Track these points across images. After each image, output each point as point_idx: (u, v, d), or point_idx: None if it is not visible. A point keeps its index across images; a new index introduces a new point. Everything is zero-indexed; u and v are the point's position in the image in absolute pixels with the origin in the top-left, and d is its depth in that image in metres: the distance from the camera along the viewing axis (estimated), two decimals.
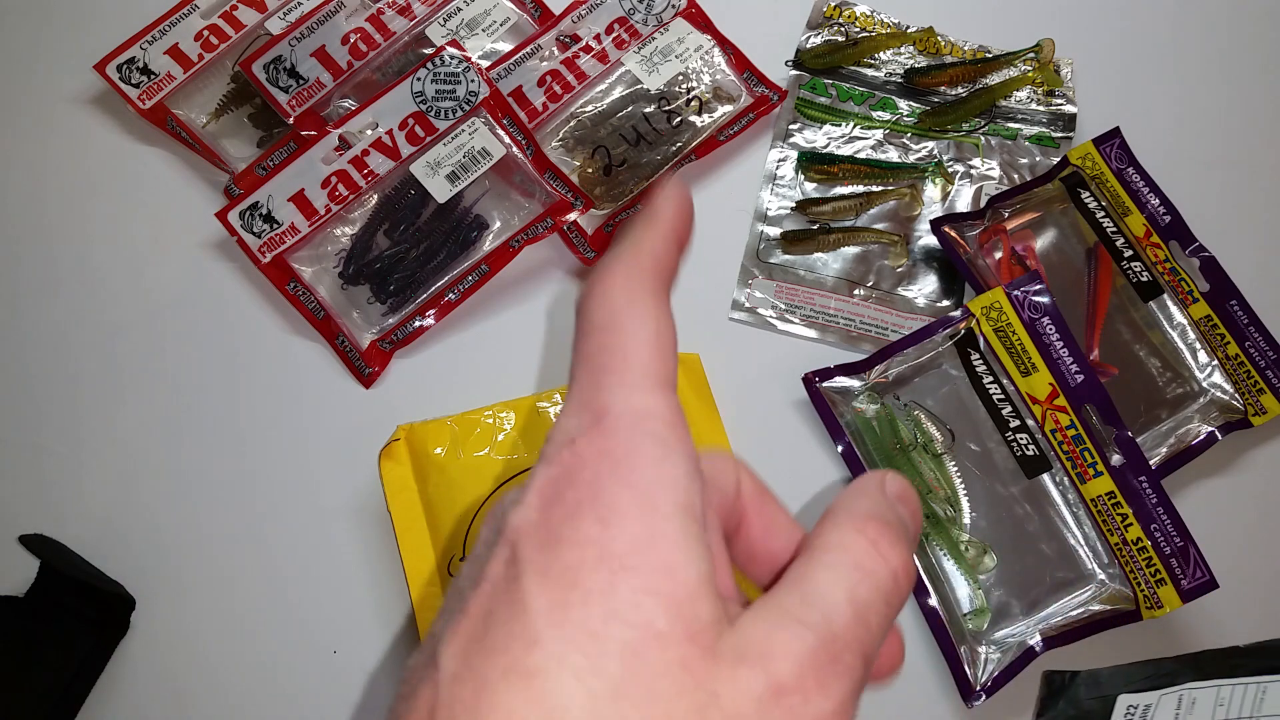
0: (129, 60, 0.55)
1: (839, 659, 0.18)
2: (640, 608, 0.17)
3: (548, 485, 0.19)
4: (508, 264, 0.52)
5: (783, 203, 0.55)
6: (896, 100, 0.57)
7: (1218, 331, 0.50)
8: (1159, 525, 0.44)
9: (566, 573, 0.18)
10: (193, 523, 0.50)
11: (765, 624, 0.19)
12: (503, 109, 0.53)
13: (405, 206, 0.53)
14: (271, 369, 0.52)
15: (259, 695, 0.48)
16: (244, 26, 0.56)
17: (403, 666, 0.48)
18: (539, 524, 0.19)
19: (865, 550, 0.20)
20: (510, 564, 0.19)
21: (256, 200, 0.51)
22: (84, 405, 0.52)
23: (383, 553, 0.49)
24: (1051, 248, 0.53)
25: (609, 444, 0.19)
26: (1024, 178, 0.55)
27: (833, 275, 0.54)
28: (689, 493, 0.19)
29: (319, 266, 0.53)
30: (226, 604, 0.49)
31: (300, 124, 0.54)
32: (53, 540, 0.49)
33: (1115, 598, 0.46)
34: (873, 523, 0.21)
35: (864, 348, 0.53)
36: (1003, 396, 0.48)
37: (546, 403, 0.48)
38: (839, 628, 0.19)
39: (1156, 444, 0.49)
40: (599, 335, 0.21)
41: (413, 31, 0.56)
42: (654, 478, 0.19)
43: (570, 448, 0.19)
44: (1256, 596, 0.49)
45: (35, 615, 0.47)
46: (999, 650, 0.45)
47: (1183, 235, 0.52)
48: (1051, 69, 0.57)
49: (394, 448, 0.46)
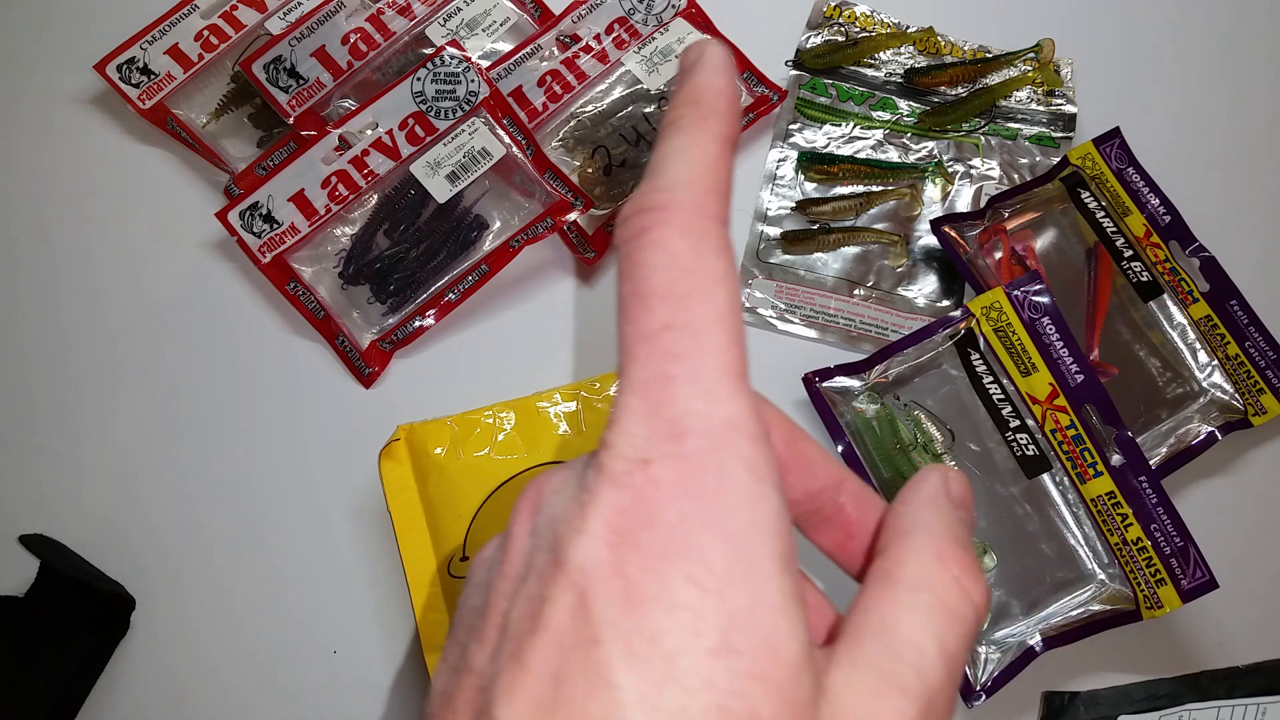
0: (129, 60, 0.55)
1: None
2: (745, 696, 0.15)
3: (618, 517, 0.16)
4: (508, 264, 0.52)
5: (783, 203, 0.55)
6: (896, 100, 0.57)
7: (1218, 331, 0.50)
8: (1159, 525, 0.44)
9: (656, 647, 0.15)
10: (192, 523, 0.50)
11: (863, 695, 0.17)
12: (503, 109, 0.53)
13: (405, 206, 0.53)
14: (271, 369, 0.52)
15: (259, 695, 0.48)
16: (244, 26, 0.56)
17: (405, 675, 0.48)
18: (612, 571, 0.16)
19: (950, 588, 0.19)
20: (581, 619, 0.16)
21: (256, 200, 0.51)
22: (84, 405, 0.52)
23: (383, 553, 0.49)
24: (1051, 248, 0.53)
25: (694, 475, 0.16)
26: (1024, 178, 0.55)
27: (833, 275, 0.54)
28: (785, 537, 0.17)
29: (319, 266, 0.53)
30: (226, 604, 0.49)
31: (300, 124, 0.54)
32: (53, 540, 0.49)
33: (1115, 598, 0.46)
34: (954, 550, 0.19)
35: (864, 348, 0.53)
36: (1003, 396, 0.48)
37: (546, 403, 0.48)
38: (934, 688, 0.17)
39: (1156, 444, 0.49)
40: (663, 307, 0.17)
41: (413, 31, 0.56)
42: (749, 522, 0.16)
43: (644, 471, 0.16)
44: (1256, 596, 0.49)
45: (35, 615, 0.47)
46: (999, 650, 0.45)
47: (1183, 235, 0.52)
48: (1051, 69, 0.57)
49: (394, 448, 0.46)
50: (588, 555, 0.16)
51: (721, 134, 0.18)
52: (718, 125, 0.18)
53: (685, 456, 0.16)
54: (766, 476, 0.17)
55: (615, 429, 0.17)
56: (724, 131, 0.19)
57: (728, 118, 0.19)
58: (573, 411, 0.47)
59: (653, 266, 0.17)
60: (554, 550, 0.17)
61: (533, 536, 0.18)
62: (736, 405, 0.17)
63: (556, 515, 0.17)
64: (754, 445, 0.17)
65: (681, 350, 0.17)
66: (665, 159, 0.18)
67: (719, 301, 0.17)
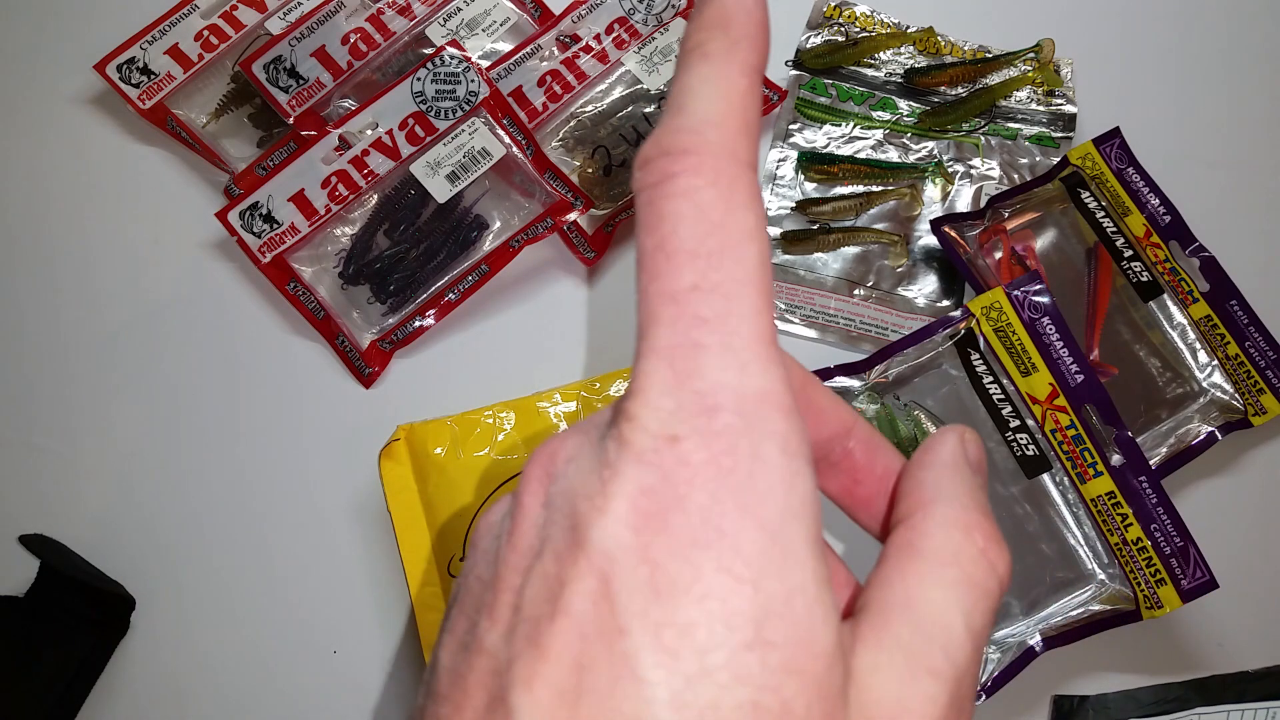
0: (129, 60, 0.55)
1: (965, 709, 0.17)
2: (779, 690, 0.15)
3: (644, 498, 0.15)
4: (508, 264, 0.52)
5: (783, 203, 0.55)
6: (896, 100, 0.57)
7: (1218, 331, 0.50)
8: (1159, 525, 0.44)
9: (687, 640, 0.14)
10: (192, 523, 0.50)
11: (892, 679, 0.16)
12: (503, 109, 0.53)
13: (405, 206, 0.53)
14: (271, 369, 0.52)
15: (259, 695, 0.48)
16: (244, 26, 0.56)
17: (405, 675, 0.48)
18: (638, 556, 0.15)
19: (977, 562, 0.18)
20: (605, 605, 0.15)
21: (256, 200, 0.51)
22: (84, 405, 0.52)
23: (383, 553, 0.49)
24: (1051, 248, 0.53)
25: (726, 455, 0.15)
26: (1024, 178, 0.55)
27: (833, 275, 0.54)
28: (817, 519, 0.16)
29: (319, 266, 0.53)
30: (226, 604, 0.49)
31: (300, 124, 0.54)
32: (53, 540, 0.49)
33: (1115, 598, 0.46)
34: (980, 520, 0.18)
35: (864, 348, 0.53)
36: (1003, 396, 0.48)
37: (546, 403, 0.48)
38: (963, 668, 0.17)
39: (1156, 444, 0.49)
40: (691, 266, 0.16)
41: (413, 31, 0.56)
42: (784, 506, 0.15)
43: (672, 449, 0.15)
44: (1257, 597, 0.49)
45: (35, 615, 0.47)
46: (999, 650, 0.45)
47: (1183, 235, 0.52)
48: (1051, 69, 0.57)
49: (394, 448, 0.46)
50: (611, 538, 0.15)
51: (752, 64, 0.17)
52: (748, 53, 0.17)
53: (717, 434, 0.15)
54: (800, 453, 0.16)
55: (639, 399, 0.16)
56: (754, 61, 0.17)
57: (758, 45, 0.17)
58: (573, 411, 0.47)
59: (680, 218, 0.16)
60: (573, 529, 0.16)
61: (546, 508, 0.17)
62: (769, 376, 0.16)
63: (574, 488, 0.16)
64: (787, 419, 0.16)
65: (711, 315, 0.15)
66: (691, 92, 0.17)
67: (750, 260, 0.16)
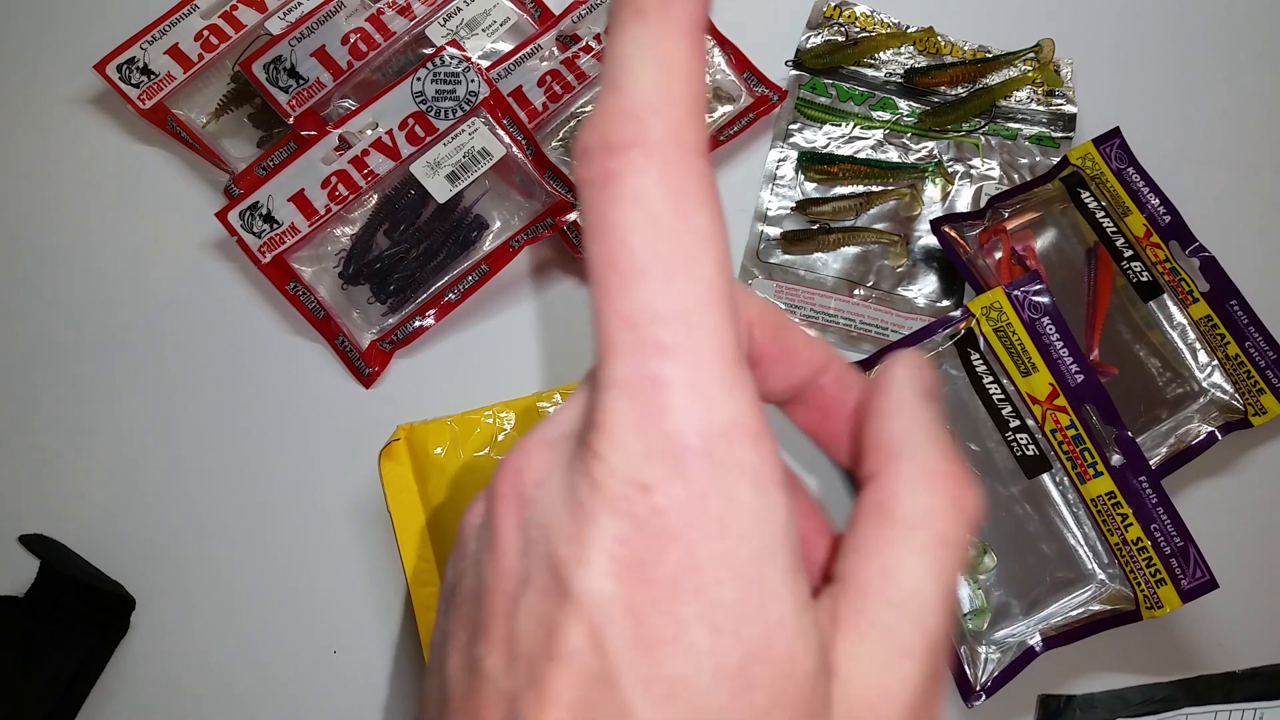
0: (129, 60, 0.55)
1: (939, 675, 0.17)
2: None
3: (621, 549, 0.15)
4: (508, 264, 0.52)
5: (783, 203, 0.55)
6: (896, 100, 0.57)
7: (1218, 331, 0.50)
8: (1159, 525, 0.44)
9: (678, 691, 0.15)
10: (193, 523, 0.50)
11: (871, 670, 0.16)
12: (503, 109, 0.53)
13: (405, 206, 0.53)
14: (271, 369, 0.52)
15: (259, 695, 0.48)
16: (244, 26, 0.56)
17: (405, 675, 0.48)
18: (624, 609, 0.15)
19: (946, 514, 0.17)
20: (598, 654, 0.15)
21: (256, 200, 0.51)
22: (84, 405, 0.52)
23: (383, 553, 0.49)
24: (1051, 248, 0.53)
25: (697, 501, 0.15)
26: (1024, 178, 0.55)
27: (833, 275, 0.54)
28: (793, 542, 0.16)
29: (319, 266, 0.53)
30: (226, 604, 0.49)
31: (300, 124, 0.54)
32: (53, 540, 0.49)
33: (1115, 598, 0.46)
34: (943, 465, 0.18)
35: (864, 348, 0.53)
36: (1003, 396, 0.48)
37: (546, 403, 0.47)
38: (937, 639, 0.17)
39: (1156, 444, 0.49)
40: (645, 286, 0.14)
41: (413, 31, 0.56)
42: (758, 547, 0.15)
43: (645, 499, 0.15)
44: (1257, 597, 0.49)
45: (35, 615, 0.47)
46: (999, 650, 0.45)
47: (1183, 235, 0.52)
48: (1051, 69, 0.57)
49: (394, 448, 0.46)
50: (595, 589, 0.15)
51: (693, 18, 0.15)
52: (687, 4, 0.15)
53: (686, 479, 0.15)
54: (771, 482, 0.16)
55: (605, 438, 0.15)
56: (695, 14, 0.15)
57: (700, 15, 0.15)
58: None
59: (628, 228, 0.14)
60: (553, 571, 0.16)
61: (522, 535, 0.17)
62: (735, 403, 0.15)
63: (548, 522, 0.16)
64: (756, 448, 0.16)
65: (671, 341, 0.15)
66: (627, 61, 0.15)
67: (707, 271, 0.15)
